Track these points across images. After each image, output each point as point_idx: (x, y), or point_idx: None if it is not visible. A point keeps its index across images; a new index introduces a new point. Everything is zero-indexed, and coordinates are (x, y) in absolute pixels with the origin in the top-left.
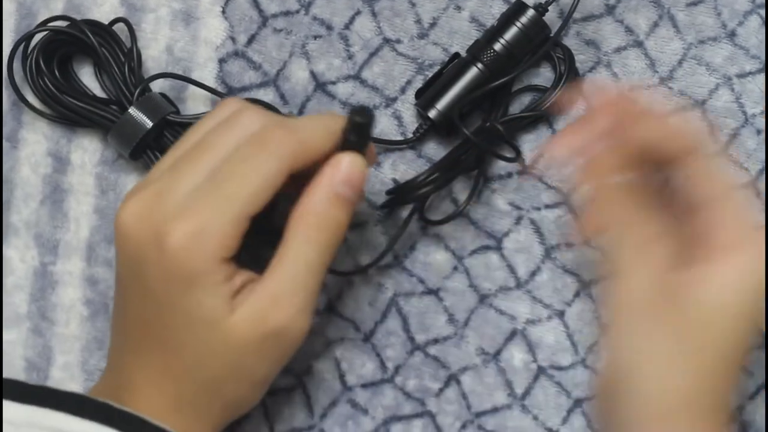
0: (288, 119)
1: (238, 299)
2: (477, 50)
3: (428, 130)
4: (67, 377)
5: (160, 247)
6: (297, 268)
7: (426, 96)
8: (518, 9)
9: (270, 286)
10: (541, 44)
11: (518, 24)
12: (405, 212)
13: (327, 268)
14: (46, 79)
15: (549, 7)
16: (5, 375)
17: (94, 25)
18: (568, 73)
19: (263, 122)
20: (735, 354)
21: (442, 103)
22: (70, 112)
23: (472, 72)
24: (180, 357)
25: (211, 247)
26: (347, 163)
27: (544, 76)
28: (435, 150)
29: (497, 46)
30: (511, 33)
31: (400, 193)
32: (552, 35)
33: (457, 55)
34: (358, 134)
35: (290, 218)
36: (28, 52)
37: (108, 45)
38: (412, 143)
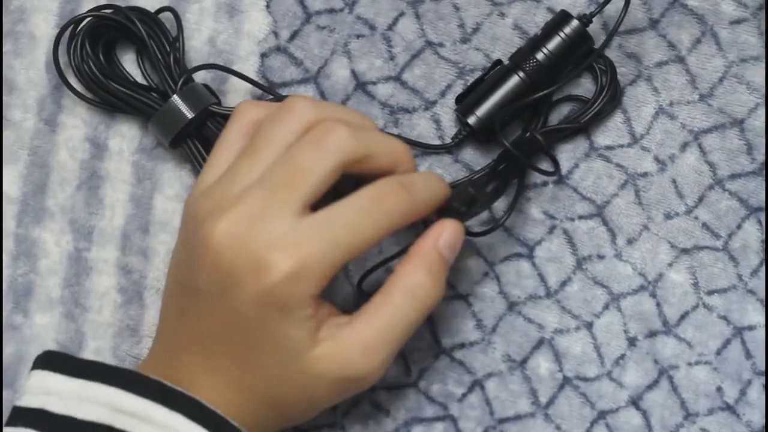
0: (355, 118)
1: (323, 334)
2: (519, 58)
3: (467, 136)
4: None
5: (259, 275)
6: (394, 323)
7: (466, 102)
8: (562, 19)
9: (362, 334)
10: (585, 56)
11: (562, 34)
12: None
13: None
14: (90, 64)
15: (593, 18)
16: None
17: (141, 12)
18: (610, 85)
19: (358, 148)
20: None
21: (482, 110)
22: (113, 98)
23: (514, 80)
24: (254, 374)
25: (310, 286)
26: (452, 231)
27: (584, 87)
28: (472, 156)
29: (540, 56)
30: (554, 43)
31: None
32: (597, 47)
33: (499, 62)
34: (467, 206)
35: (397, 275)
36: (74, 36)
37: (154, 33)
38: (450, 148)
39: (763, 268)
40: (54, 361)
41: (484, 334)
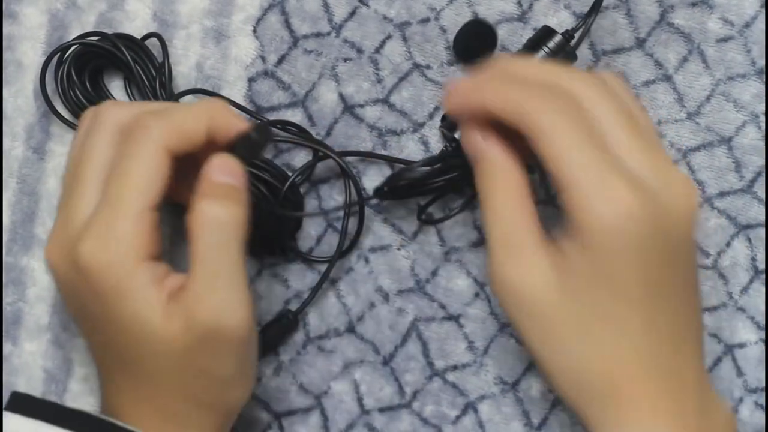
0: (159, 106)
1: (172, 306)
2: None
3: (453, 152)
4: (86, 390)
5: (77, 270)
6: (211, 267)
7: (452, 118)
8: (546, 34)
9: (192, 286)
10: None
11: (546, 48)
12: (432, 236)
13: (242, 254)
14: (77, 90)
15: (576, 34)
16: (24, 387)
17: (127, 39)
18: None
19: (130, 113)
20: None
21: None
22: None
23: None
24: (141, 372)
25: (119, 253)
26: (220, 159)
27: None
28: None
29: None
30: (537, 57)
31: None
32: (575, 48)
33: None
34: (248, 150)
35: (189, 219)
36: (61, 63)
37: (140, 59)
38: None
39: (753, 286)
40: (15, 403)
41: (476, 356)
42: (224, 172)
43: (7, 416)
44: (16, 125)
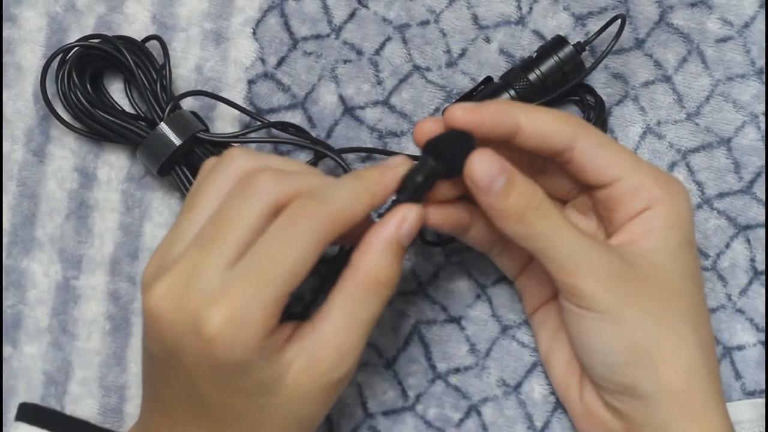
0: (316, 179)
1: (290, 352)
2: (511, 78)
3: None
4: (84, 393)
5: (198, 335)
6: (359, 318)
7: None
8: (557, 43)
9: (333, 337)
10: (576, 81)
11: (555, 58)
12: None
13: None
14: (78, 93)
15: (587, 47)
16: (23, 390)
17: (128, 41)
18: (596, 121)
19: (289, 188)
20: (705, 307)
21: None
22: (101, 127)
23: (504, 98)
24: (236, 427)
25: (253, 331)
26: (414, 217)
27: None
28: None
29: (532, 76)
30: (547, 65)
31: None
32: (587, 68)
33: (489, 79)
34: (426, 179)
35: (352, 266)
36: (62, 65)
37: (141, 62)
38: None
39: (752, 288)
40: (40, 417)
41: (478, 359)
42: (407, 234)
43: (32, 431)
44: (16, 128)
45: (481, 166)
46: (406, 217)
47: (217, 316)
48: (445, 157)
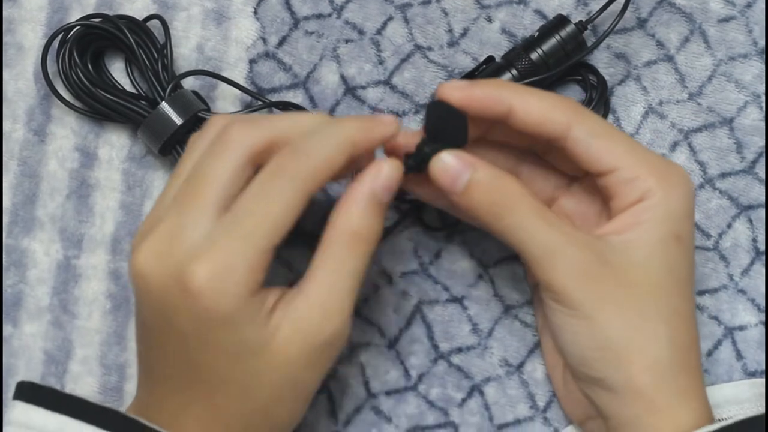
0: (291, 125)
1: (277, 317)
2: (513, 57)
3: None
4: (85, 371)
5: (184, 290)
6: (341, 276)
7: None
8: (559, 22)
9: (316, 297)
10: (577, 59)
11: (557, 37)
12: (435, 218)
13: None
14: (79, 72)
15: (588, 26)
16: (24, 369)
17: (129, 21)
18: (598, 101)
19: (263, 138)
20: (687, 303)
21: None
22: (102, 106)
23: (506, 77)
24: (226, 392)
25: (239, 284)
26: (388, 170)
27: (578, 97)
28: None
29: (534, 56)
30: (549, 44)
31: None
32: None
33: (491, 58)
34: (417, 162)
35: (330, 225)
36: (63, 45)
37: (142, 41)
38: None
39: (754, 268)
40: (38, 395)
41: (481, 339)
42: (383, 188)
43: (29, 409)
44: (17, 108)
45: (442, 166)
46: (380, 169)
47: (202, 269)
48: (440, 135)
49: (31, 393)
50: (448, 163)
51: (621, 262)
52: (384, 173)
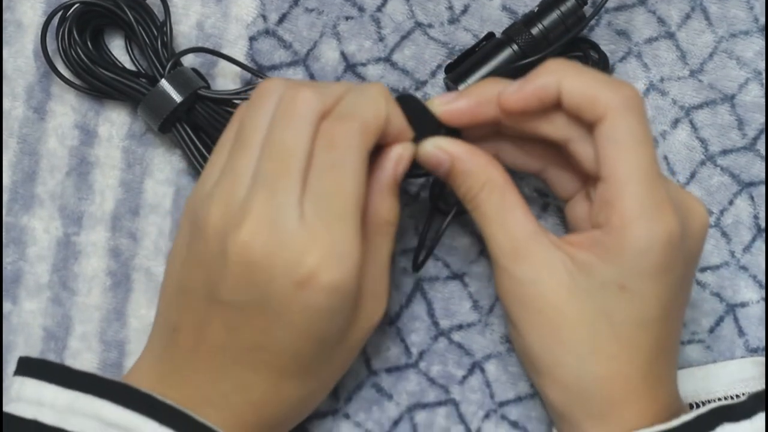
0: (336, 102)
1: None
2: (513, 32)
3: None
4: (84, 347)
5: (300, 283)
6: (382, 263)
7: (458, 71)
8: None
9: (369, 287)
10: (577, 31)
11: (557, 11)
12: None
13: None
14: (78, 50)
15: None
16: (23, 345)
17: None
18: None
19: (325, 103)
20: (616, 344)
21: (473, 79)
22: (101, 84)
23: (507, 52)
24: (298, 377)
25: (353, 272)
26: (408, 155)
27: None
28: None
29: (534, 31)
30: (549, 19)
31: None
32: (587, 17)
33: (491, 34)
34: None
35: (366, 214)
36: (62, 22)
37: (141, 18)
38: None
39: (756, 245)
40: (48, 371)
41: (481, 315)
42: (403, 170)
43: (40, 385)
44: (17, 86)
45: (424, 154)
46: (402, 156)
47: (316, 264)
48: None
49: (34, 368)
50: (430, 148)
51: (556, 285)
52: (405, 158)
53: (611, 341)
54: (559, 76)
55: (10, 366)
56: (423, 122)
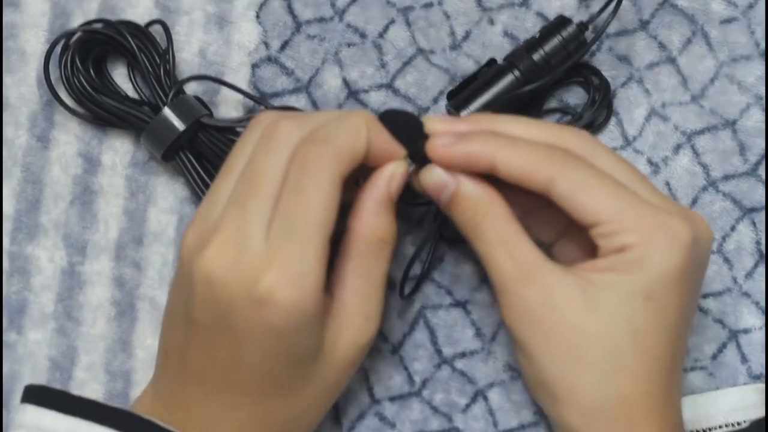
0: (316, 129)
1: (328, 322)
2: (515, 58)
3: None
4: (90, 378)
5: (257, 301)
6: (375, 282)
7: (460, 97)
8: (560, 23)
9: (353, 304)
10: (579, 63)
11: (559, 37)
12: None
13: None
14: (81, 78)
15: (589, 26)
16: (29, 375)
17: (131, 26)
18: (601, 102)
19: (302, 134)
20: (644, 360)
21: (475, 106)
22: (104, 112)
23: (508, 79)
24: (279, 397)
25: (312, 290)
26: (401, 172)
27: (578, 96)
28: None
29: (536, 56)
30: (551, 45)
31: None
32: (588, 42)
33: (493, 60)
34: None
35: (352, 232)
36: (65, 51)
37: (144, 46)
38: None
39: (758, 271)
40: (48, 398)
41: (484, 343)
42: (397, 188)
43: (40, 412)
44: (20, 114)
45: (428, 179)
46: (394, 174)
47: (271, 279)
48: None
49: (40, 396)
50: (436, 173)
51: (572, 305)
52: (398, 176)
53: (634, 353)
54: (491, 149)
55: (15, 396)
56: (410, 134)
